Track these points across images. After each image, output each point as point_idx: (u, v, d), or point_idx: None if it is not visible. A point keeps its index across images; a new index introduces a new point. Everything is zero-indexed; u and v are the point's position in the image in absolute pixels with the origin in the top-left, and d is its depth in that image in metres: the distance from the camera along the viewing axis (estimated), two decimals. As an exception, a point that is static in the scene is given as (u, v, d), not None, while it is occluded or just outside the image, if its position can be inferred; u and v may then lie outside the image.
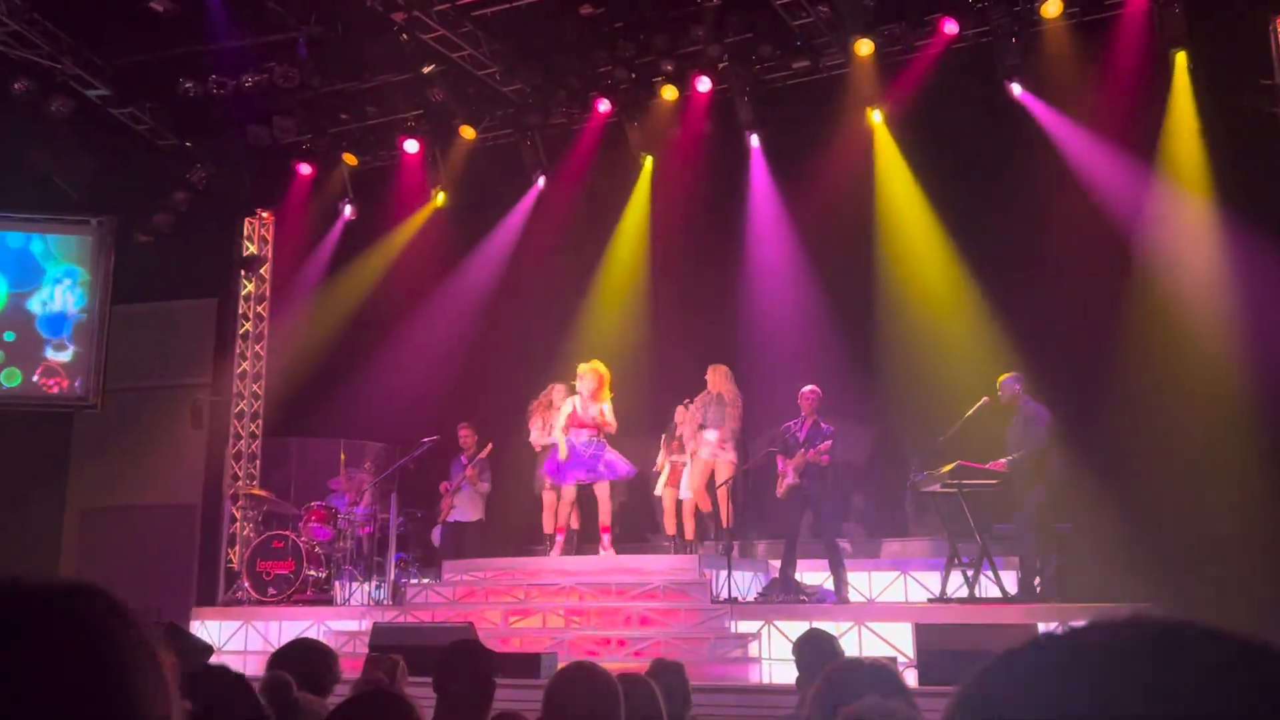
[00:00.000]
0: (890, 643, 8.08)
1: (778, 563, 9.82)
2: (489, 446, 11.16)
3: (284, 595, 10.89)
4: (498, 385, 11.89)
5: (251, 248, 13.54)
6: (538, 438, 10.59)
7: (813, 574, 9.77)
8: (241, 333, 13.37)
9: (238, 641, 10.56)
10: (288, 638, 6.96)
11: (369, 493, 11.55)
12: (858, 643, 8.11)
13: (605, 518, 10.04)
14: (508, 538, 11.37)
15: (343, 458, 11.89)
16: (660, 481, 10.73)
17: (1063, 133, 10.23)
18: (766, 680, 7.62)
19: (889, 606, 9.28)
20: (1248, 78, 9.27)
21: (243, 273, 13.43)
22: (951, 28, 10.47)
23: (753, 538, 11.03)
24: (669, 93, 11.52)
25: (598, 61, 11.43)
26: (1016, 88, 10.42)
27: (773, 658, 8.42)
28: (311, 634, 9.02)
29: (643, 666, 4.26)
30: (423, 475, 11.28)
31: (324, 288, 13.33)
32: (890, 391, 10.71)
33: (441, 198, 12.93)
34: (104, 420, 13.04)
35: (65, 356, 12.78)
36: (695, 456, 10.17)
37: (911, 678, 6.48)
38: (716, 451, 10.03)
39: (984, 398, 9.04)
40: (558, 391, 10.45)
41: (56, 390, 12.78)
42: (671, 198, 11.93)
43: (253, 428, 13.20)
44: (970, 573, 8.68)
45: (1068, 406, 9.11)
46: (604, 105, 11.83)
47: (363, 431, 12.52)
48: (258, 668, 4.13)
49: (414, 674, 4.82)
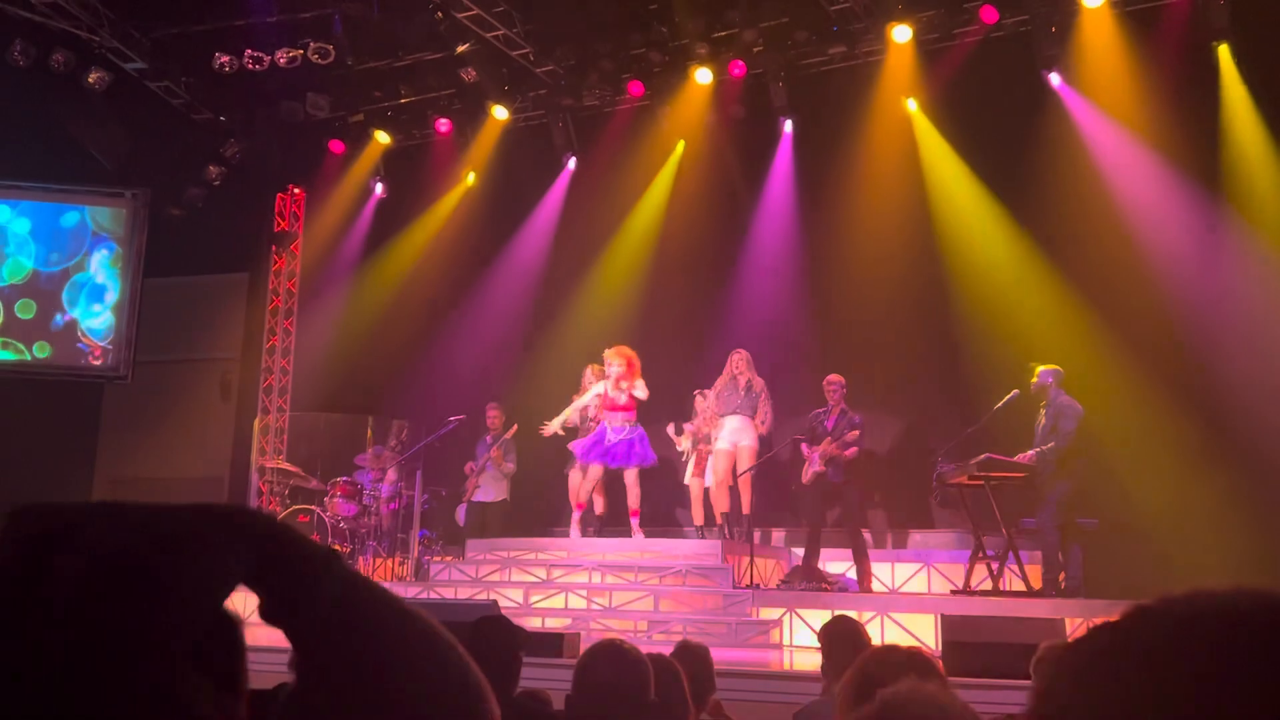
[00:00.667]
0: (913, 634, 8.05)
1: (800, 551, 9.80)
2: (514, 427, 11.18)
3: (308, 570, 10.94)
4: (527, 366, 11.90)
5: (283, 223, 13.61)
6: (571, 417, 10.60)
7: (835, 563, 9.75)
8: (271, 308, 13.44)
9: (262, 614, 10.62)
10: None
11: (394, 470, 11.60)
12: (880, 633, 8.08)
13: (634, 502, 10.04)
14: (533, 518, 11.39)
15: (369, 434, 11.93)
16: (688, 471, 10.67)
17: (1099, 125, 10.11)
18: (788, 667, 7.60)
19: (913, 597, 9.25)
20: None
21: (274, 248, 13.49)
22: (990, 15, 10.36)
23: (775, 525, 11.00)
24: (702, 76, 11.46)
25: (631, 44, 11.39)
26: (1055, 78, 10.31)
27: (794, 645, 8.41)
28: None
29: (665, 648, 4.25)
30: (449, 454, 11.32)
31: (355, 266, 13.40)
32: (917, 382, 10.64)
33: (472, 178, 12.94)
34: (133, 392, 13.16)
35: (97, 328, 12.89)
36: (716, 446, 10.09)
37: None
38: (738, 439, 9.96)
39: (1014, 390, 8.98)
40: (589, 375, 10.45)
41: (87, 362, 12.90)
42: (701, 182, 11.87)
43: (280, 402, 13.28)
44: (995, 565, 8.65)
45: (1095, 401, 9.03)
46: (637, 88, 11.79)
47: (390, 409, 12.57)
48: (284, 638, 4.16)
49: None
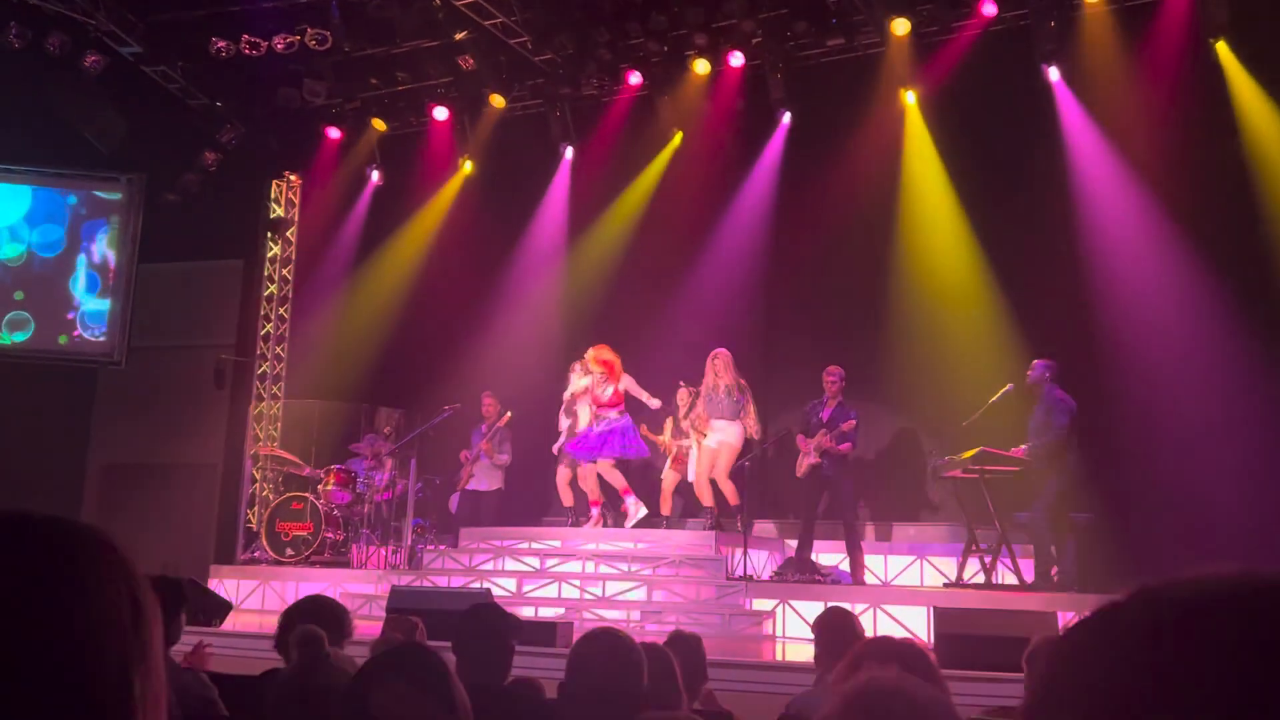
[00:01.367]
0: (906, 626, 8.07)
1: (793, 542, 9.81)
2: (507, 416, 11.18)
3: (301, 556, 10.98)
4: (521, 356, 11.89)
5: (279, 210, 13.57)
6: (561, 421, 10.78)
7: (828, 555, 9.76)
8: (266, 295, 13.41)
9: (255, 600, 10.64)
10: (305, 598, 6.99)
11: (389, 458, 11.60)
12: (874, 625, 8.10)
13: (622, 484, 10.16)
14: (526, 508, 11.39)
15: (364, 422, 11.92)
16: (666, 465, 10.70)
17: (1097, 120, 10.10)
18: (781, 658, 7.62)
19: (906, 590, 9.26)
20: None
21: (269, 235, 13.45)
22: (990, 9, 10.34)
23: (766, 517, 11.00)
24: (701, 67, 11.43)
25: (630, 33, 11.34)
26: (1054, 72, 10.30)
27: (787, 636, 8.43)
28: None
29: (658, 638, 4.26)
30: (444, 443, 11.31)
31: (351, 253, 13.35)
32: (911, 375, 10.64)
33: (469, 166, 12.91)
34: (128, 377, 13.13)
35: (91, 313, 12.85)
36: (704, 443, 10.08)
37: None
38: (723, 438, 9.93)
39: (1009, 384, 8.98)
40: (575, 371, 10.54)
41: (81, 347, 12.87)
42: (698, 172, 11.84)
43: (275, 389, 13.25)
44: (988, 559, 8.66)
45: (1090, 395, 9.03)
46: (635, 78, 11.76)
47: (385, 397, 12.55)
48: (275, 627, 4.16)
49: (432, 637, 4.83)
